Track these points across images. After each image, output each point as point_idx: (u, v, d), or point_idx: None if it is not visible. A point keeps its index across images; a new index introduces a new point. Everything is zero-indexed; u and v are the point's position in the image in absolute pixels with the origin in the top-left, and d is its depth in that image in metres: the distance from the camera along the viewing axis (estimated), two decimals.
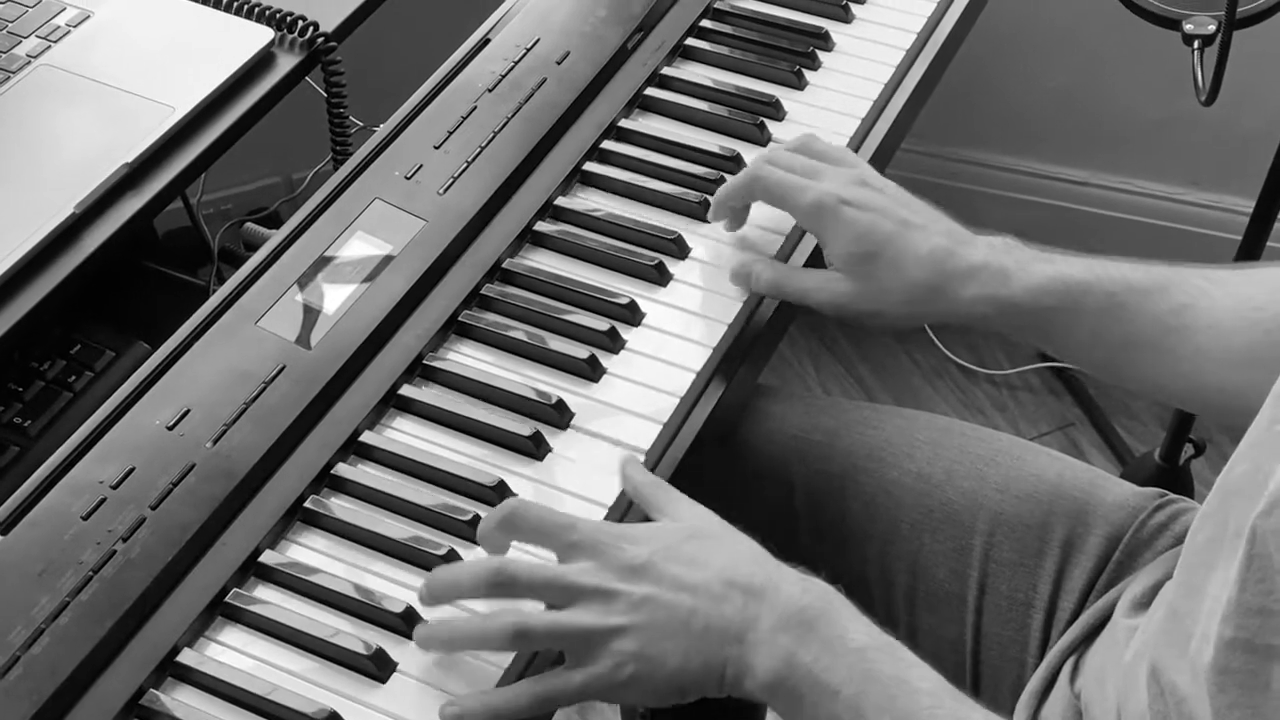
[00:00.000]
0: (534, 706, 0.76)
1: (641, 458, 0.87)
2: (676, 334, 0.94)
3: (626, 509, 0.85)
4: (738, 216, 1.00)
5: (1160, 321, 0.90)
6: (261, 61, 1.05)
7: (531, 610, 0.77)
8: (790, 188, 0.95)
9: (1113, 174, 2.04)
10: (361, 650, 0.77)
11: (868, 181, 0.95)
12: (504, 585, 0.77)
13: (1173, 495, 1.00)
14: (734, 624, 0.75)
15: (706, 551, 0.78)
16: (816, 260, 0.99)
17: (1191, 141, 1.95)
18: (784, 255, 0.99)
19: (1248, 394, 0.77)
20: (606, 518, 0.85)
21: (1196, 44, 1.30)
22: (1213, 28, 1.29)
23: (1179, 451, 1.67)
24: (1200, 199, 2.02)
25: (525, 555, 0.81)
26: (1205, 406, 0.95)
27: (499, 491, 0.84)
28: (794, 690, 0.75)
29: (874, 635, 0.76)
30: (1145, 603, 0.88)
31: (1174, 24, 1.32)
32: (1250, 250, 1.49)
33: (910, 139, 1.15)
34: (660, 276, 0.97)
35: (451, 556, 0.82)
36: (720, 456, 1.05)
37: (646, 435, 0.88)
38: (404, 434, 0.88)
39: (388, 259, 0.93)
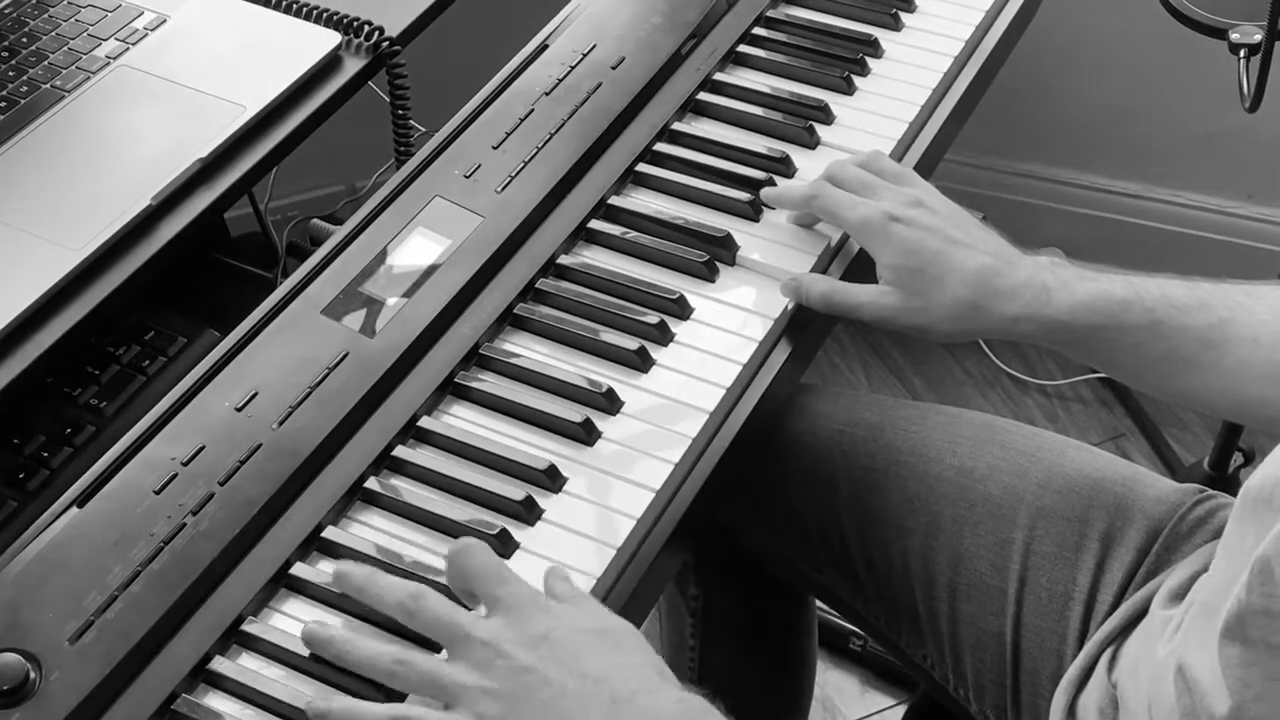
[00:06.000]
0: None
1: (688, 444, 0.90)
2: (724, 328, 0.97)
3: (672, 496, 0.88)
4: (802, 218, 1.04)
5: (1200, 337, 0.92)
6: (329, 64, 1.09)
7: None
8: (842, 205, 0.99)
9: (1165, 187, 2.04)
10: None
11: (922, 201, 0.98)
12: (412, 613, 0.77)
13: (1212, 491, 1.01)
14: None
15: (605, 647, 0.76)
16: (862, 263, 1.01)
17: (1244, 155, 1.95)
18: (830, 255, 1.02)
19: None
20: (653, 503, 0.87)
21: (1243, 53, 1.32)
22: (1258, 37, 1.31)
23: (1228, 460, 1.68)
24: (1253, 213, 2.02)
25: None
26: (1247, 418, 0.97)
27: (550, 475, 0.88)
28: None
29: None
30: (1181, 594, 0.89)
31: (1220, 33, 1.34)
32: None
33: (962, 151, 1.17)
34: (709, 273, 1.00)
35: (504, 536, 0.85)
36: (765, 450, 1.07)
37: (694, 423, 0.91)
38: (460, 419, 0.91)
39: (447, 253, 0.96)
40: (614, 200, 1.04)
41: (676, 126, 1.10)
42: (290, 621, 0.82)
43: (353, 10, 1.12)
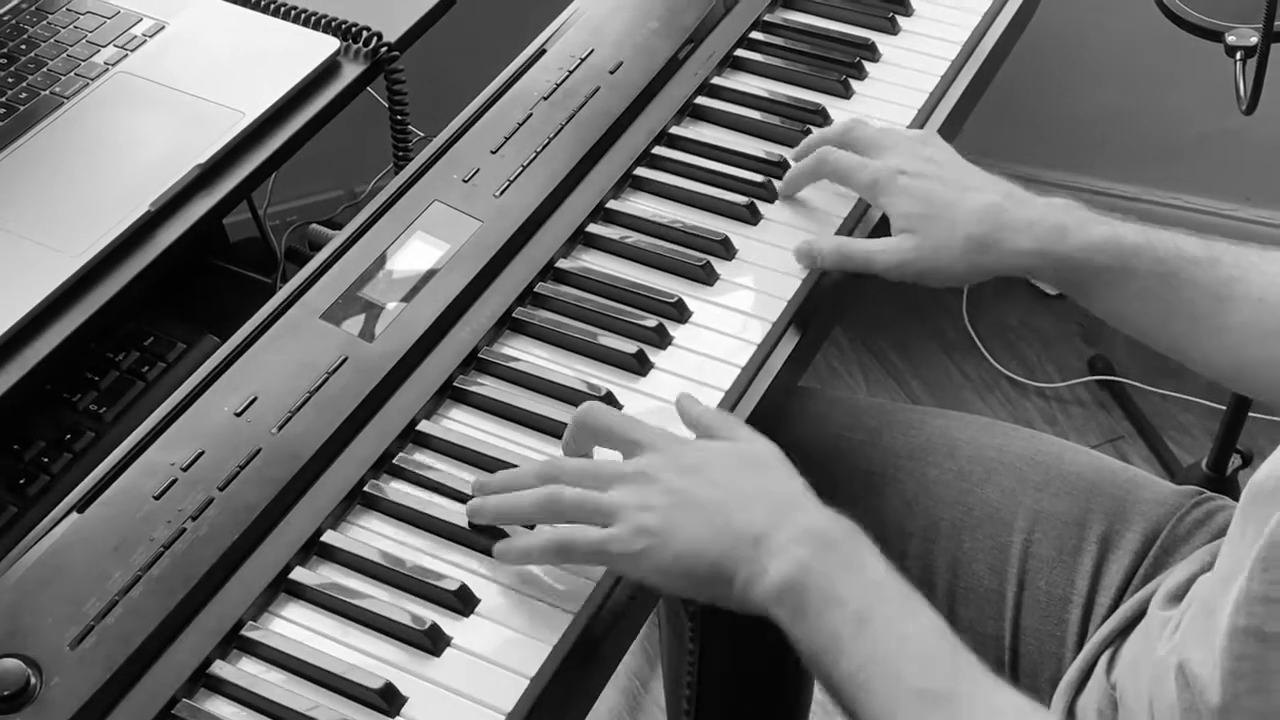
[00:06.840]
0: (551, 551, 0.81)
1: None
2: (723, 331, 0.97)
3: None
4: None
5: (1209, 291, 0.92)
6: (327, 70, 1.09)
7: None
8: (852, 167, 1.01)
9: (1163, 189, 2.04)
10: (417, 625, 0.80)
11: (929, 157, 1.00)
12: (551, 475, 0.83)
13: (1210, 493, 1.02)
14: (755, 525, 0.78)
15: (751, 469, 0.82)
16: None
17: (1241, 157, 1.96)
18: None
19: None
20: None
21: (1239, 55, 1.32)
22: (1255, 39, 1.31)
23: (1227, 461, 1.68)
24: (1251, 215, 2.02)
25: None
26: (1249, 381, 0.96)
27: None
28: (802, 595, 0.77)
29: (891, 573, 0.78)
30: (1180, 595, 0.89)
31: (1217, 36, 1.34)
32: None
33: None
34: (707, 276, 1.00)
35: (499, 535, 0.85)
36: None
37: None
38: (459, 423, 0.92)
39: (446, 258, 0.96)
40: (612, 204, 1.04)
41: (674, 130, 1.10)
42: (290, 626, 0.82)
43: (351, 16, 1.12)
